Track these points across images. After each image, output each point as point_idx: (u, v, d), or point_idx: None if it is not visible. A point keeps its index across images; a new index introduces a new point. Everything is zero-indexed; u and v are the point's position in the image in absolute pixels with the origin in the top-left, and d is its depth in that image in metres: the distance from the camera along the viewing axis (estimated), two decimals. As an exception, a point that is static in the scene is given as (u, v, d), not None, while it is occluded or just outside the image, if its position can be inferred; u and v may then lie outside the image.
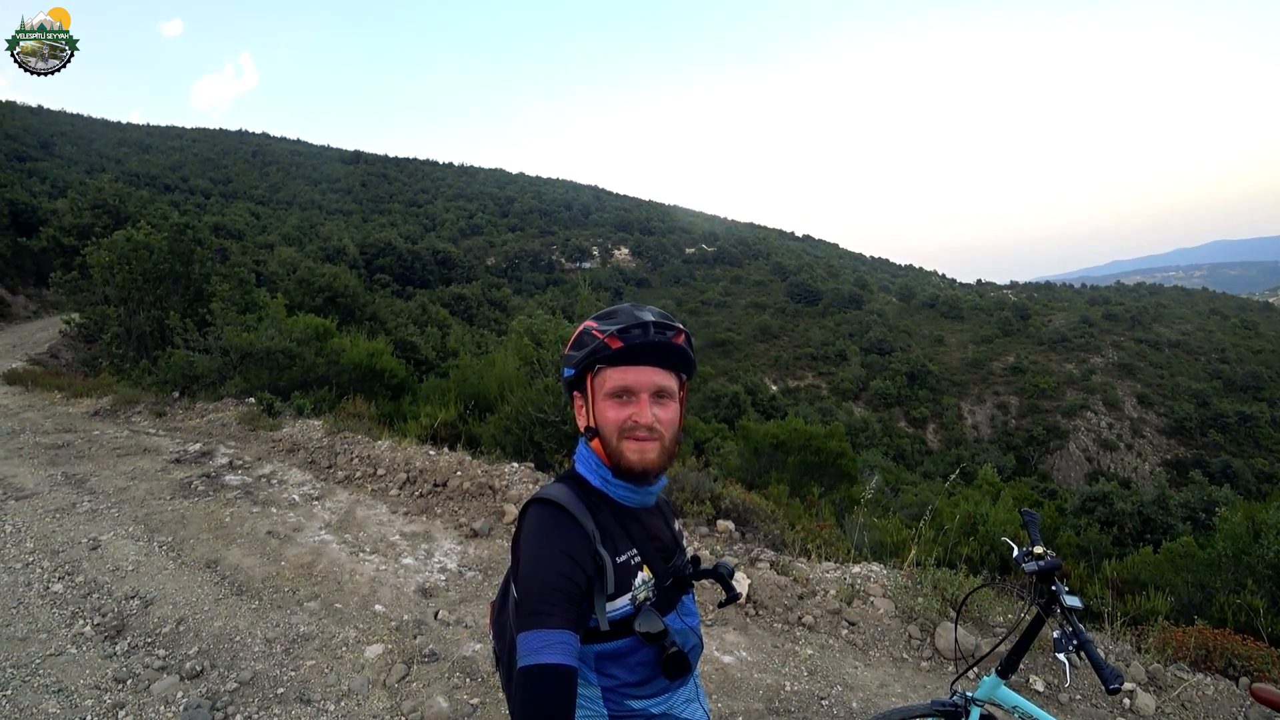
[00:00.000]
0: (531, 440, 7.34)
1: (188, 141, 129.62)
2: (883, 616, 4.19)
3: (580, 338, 1.40)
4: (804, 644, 4.08)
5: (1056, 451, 63.68)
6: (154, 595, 4.51)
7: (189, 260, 15.64)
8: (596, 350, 1.35)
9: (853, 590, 4.39)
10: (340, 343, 13.57)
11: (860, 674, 3.82)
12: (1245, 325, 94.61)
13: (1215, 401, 68.64)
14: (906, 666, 3.91)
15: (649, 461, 1.35)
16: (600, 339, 1.34)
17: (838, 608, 4.27)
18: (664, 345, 1.35)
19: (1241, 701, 3.66)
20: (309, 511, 6.37)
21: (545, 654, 1.15)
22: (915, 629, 4.09)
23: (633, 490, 1.41)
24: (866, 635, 4.12)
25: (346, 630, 4.23)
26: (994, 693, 2.35)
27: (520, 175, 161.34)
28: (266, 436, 9.01)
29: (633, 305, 1.40)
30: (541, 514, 1.33)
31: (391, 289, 68.21)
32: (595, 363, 1.36)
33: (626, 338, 1.33)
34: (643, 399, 1.34)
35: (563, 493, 1.37)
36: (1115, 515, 16.10)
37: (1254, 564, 6.35)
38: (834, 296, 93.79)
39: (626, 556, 1.38)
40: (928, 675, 3.81)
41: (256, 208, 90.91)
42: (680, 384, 1.43)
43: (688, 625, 1.48)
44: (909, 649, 4.02)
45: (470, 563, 5.24)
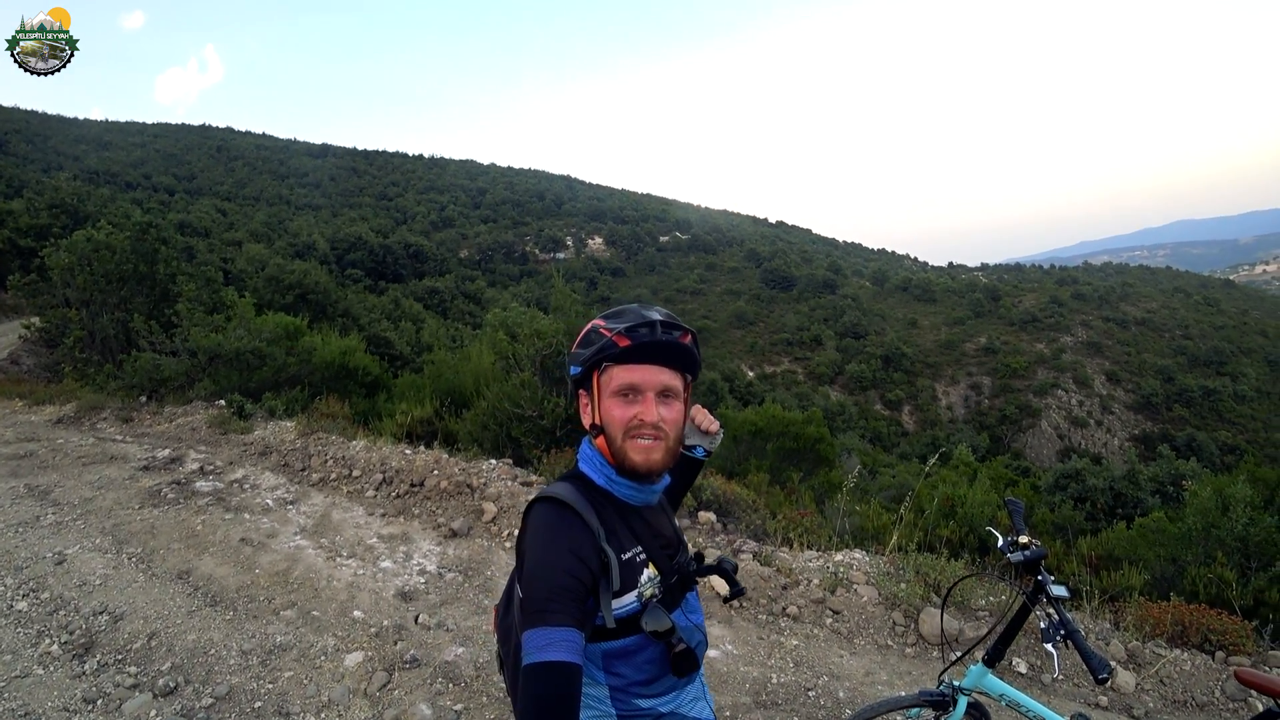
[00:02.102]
0: (509, 436, 7.25)
1: (149, 138, 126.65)
2: (866, 604, 4.20)
3: (588, 336, 1.41)
4: (789, 635, 4.07)
5: (1029, 430, 64.86)
6: (124, 610, 4.38)
7: (153, 260, 15.24)
8: (605, 348, 1.35)
9: (836, 579, 4.39)
10: (311, 341, 13.32)
11: (846, 663, 3.82)
12: (1208, 302, 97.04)
13: (1180, 377, 70.38)
14: (891, 654, 3.92)
15: (653, 462, 1.36)
16: (608, 337, 1.34)
17: (821, 597, 4.27)
18: (671, 345, 1.36)
19: (1218, 675, 3.72)
20: (283, 516, 6.24)
21: (550, 651, 1.14)
22: (899, 615, 4.10)
23: (637, 489, 1.41)
24: (851, 624, 4.13)
25: (325, 638, 4.14)
26: (980, 681, 2.36)
27: (492, 166, 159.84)
28: (238, 440, 8.82)
29: (640, 305, 1.41)
30: (546, 512, 1.33)
31: (364, 284, 67.36)
32: (602, 361, 1.37)
33: (634, 336, 1.33)
34: (648, 398, 1.35)
35: (567, 491, 1.36)
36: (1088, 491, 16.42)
37: (1223, 536, 6.49)
38: (808, 282, 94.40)
39: (632, 554, 1.38)
40: (913, 662, 3.82)
41: (223, 204, 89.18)
42: (685, 384, 1.44)
43: (693, 622, 1.48)
44: (894, 636, 4.03)
45: (450, 564, 5.17)
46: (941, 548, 5.43)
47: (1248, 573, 6.10)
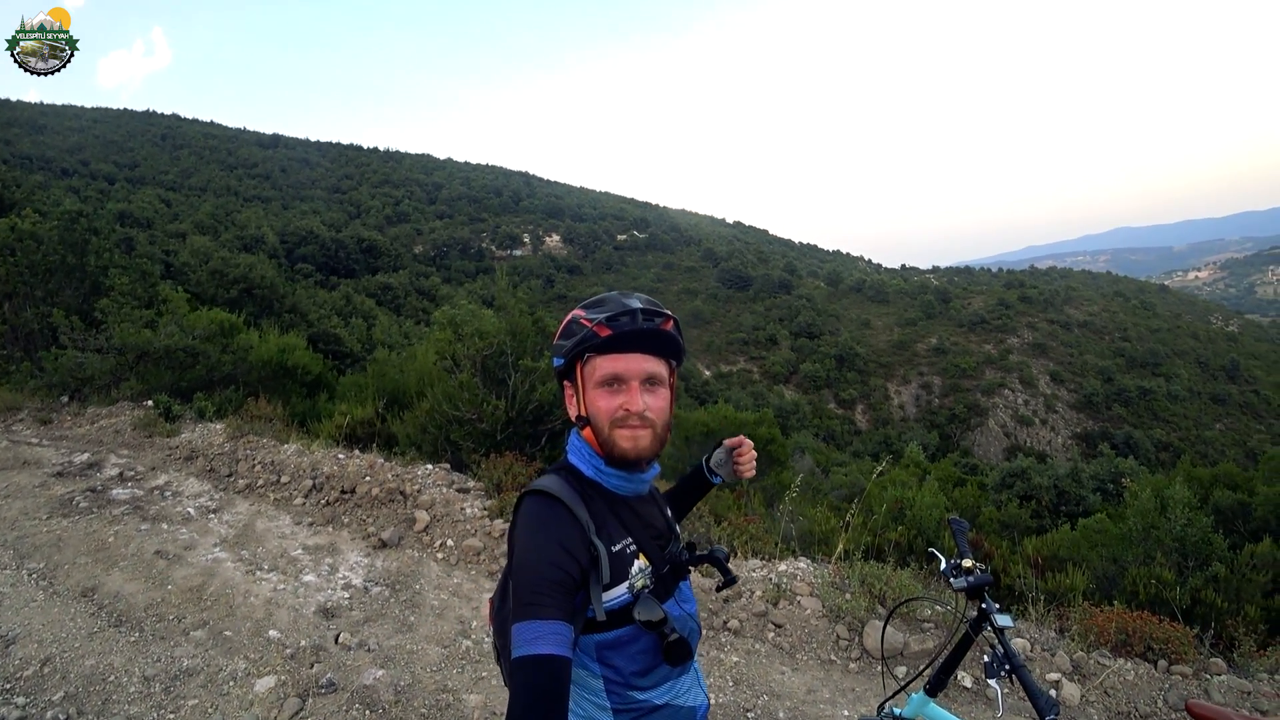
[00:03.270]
0: (448, 439, 6.95)
1: (88, 122, 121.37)
2: (810, 617, 4.05)
3: (569, 327, 1.38)
4: (730, 650, 3.90)
5: (977, 428, 66.56)
6: (17, 633, 4.02)
7: (83, 252, 14.44)
8: (586, 339, 1.34)
9: (779, 590, 4.24)
10: (248, 338, 12.75)
11: (787, 680, 3.67)
12: (1144, 306, 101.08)
13: (1119, 377, 73.10)
14: (835, 669, 3.78)
15: (642, 449, 1.35)
16: (589, 327, 1.33)
17: (764, 610, 4.10)
18: (653, 332, 1.34)
19: (1161, 684, 3.68)
20: (204, 526, 5.86)
21: (539, 645, 1.15)
22: (843, 628, 3.96)
23: (626, 478, 1.40)
24: (794, 638, 3.97)
25: (235, 661, 3.84)
26: (922, 710, 2.23)
27: (449, 161, 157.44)
28: (163, 443, 8.34)
29: (620, 293, 1.40)
30: (535, 505, 1.33)
31: (314, 279, 65.74)
32: (584, 351, 1.35)
33: (615, 325, 1.32)
34: (633, 386, 1.34)
35: (556, 483, 1.36)
36: (1033, 489, 16.84)
37: (1162, 537, 6.60)
38: (764, 282, 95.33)
39: (622, 545, 1.37)
40: (856, 678, 3.68)
41: (167, 194, 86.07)
42: (670, 370, 1.43)
43: (686, 611, 1.47)
44: (837, 650, 3.88)
45: (377, 577, 4.87)
46: (890, 552, 5.35)
47: (1185, 572, 6.20)
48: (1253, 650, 4.08)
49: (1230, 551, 6.41)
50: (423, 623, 4.30)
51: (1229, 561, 6.21)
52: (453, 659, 3.93)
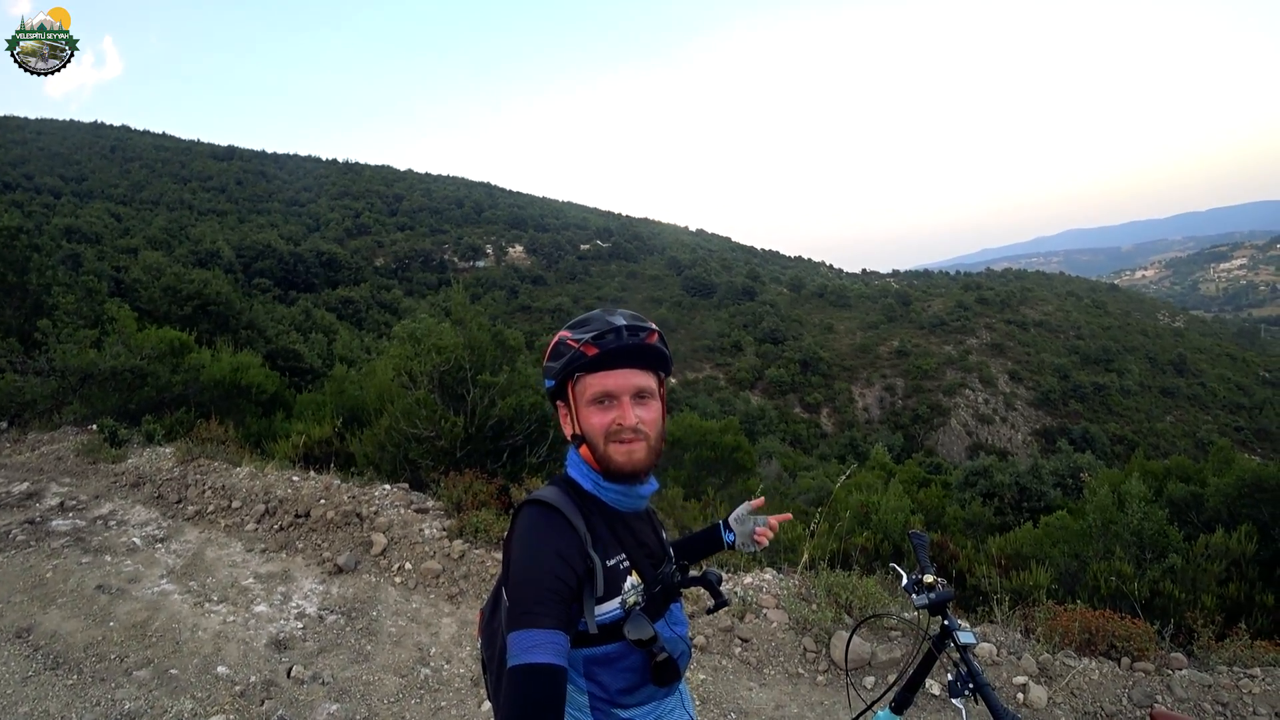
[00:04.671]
0: (406, 458, 6.77)
1: (32, 134, 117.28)
2: (776, 630, 3.99)
3: (557, 348, 1.40)
4: (696, 668, 3.82)
5: (940, 428, 67.66)
6: (-56, 679, 3.77)
7: (24, 269, 13.89)
8: (574, 359, 1.36)
9: (745, 604, 4.17)
10: (200, 357, 12.35)
11: (755, 696, 3.60)
12: (1096, 305, 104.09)
13: (1074, 374, 75.03)
14: (802, 682, 3.72)
15: (638, 461, 1.37)
16: (576, 348, 1.35)
17: (730, 624, 4.04)
18: (639, 347, 1.37)
19: (1125, 682, 3.69)
20: (150, 557, 5.61)
21: (535, 654, 1.14)
22: (810, 640, 3.91)
23: (624, 493, 1.41)
24: (760, 652, 3.90)
25: (182, 701, 3.67)
26: (888, 728, 2.16)
27: (409, 172, 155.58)
28: (108, 470, 8.00)
29: (604, 310, 1.42)
30: (534, 515, 1.33)
31: (273, 294, 64.36)
32: (574, 371, 1.37)
33: (601, 344, 1.34)
34: (624, 402, 1.36)
35: (555, 494, 1.37)
36: (996, 487, 17.09)
37: (1120, 532, 6.72)
38: (728, 289, 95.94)
39: (616, 561, 1.38)
40: (824, 690, 3.63)
41: (117, 208, 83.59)
42: (659, 382, 1.45)
43: (676, 633, 1.47)
44: (804, 663, 3.83)
45: (333, 604, 4.69)
46: (857, 558, 5.34)
47: (1143, 565, 6.32)
48: (1211, 642, 4.14)
49: (1185, 543, 6.55)
50: (379, 651, 4.15)
51: (1185, 553, 6.35)
52: (411, 689, 3.78)
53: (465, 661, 4.05)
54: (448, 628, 4.41)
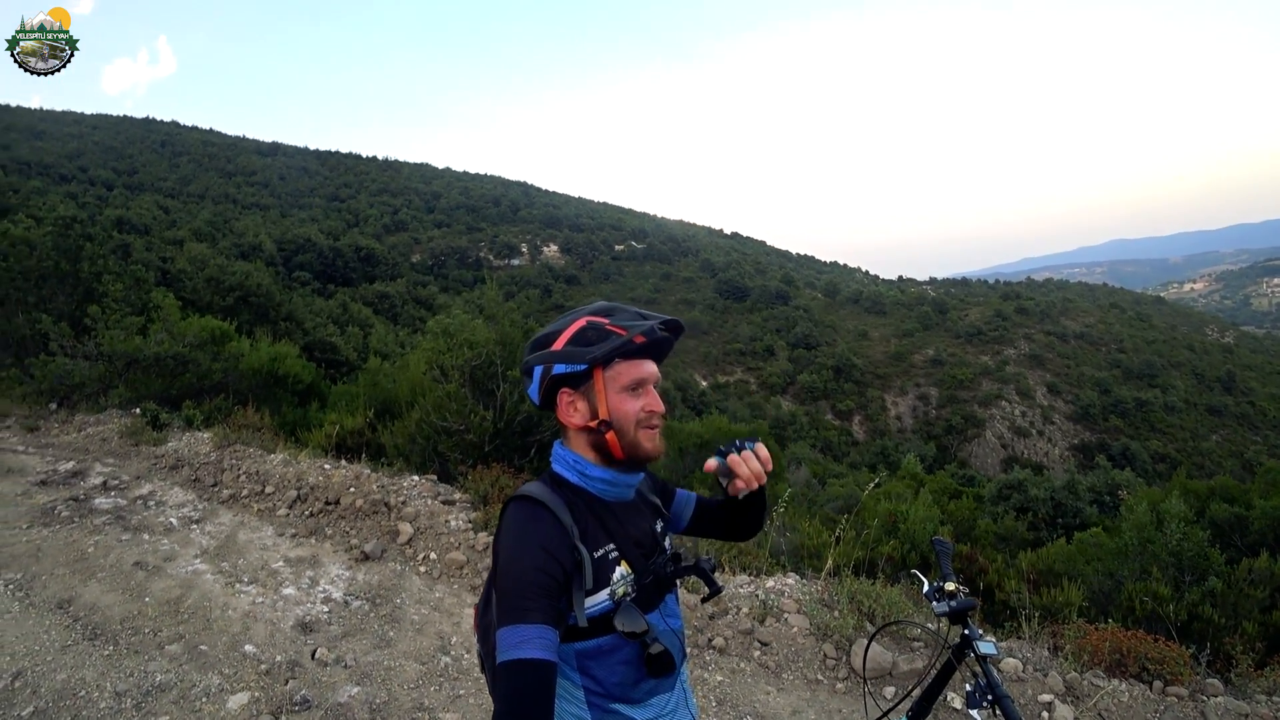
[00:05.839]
0: (436, 451, 6.86)
1: (87, 128, 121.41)
2: (796, 635, 3.96)
3: (585, 334, 1.39)
4: (714, 669, 3.81)
5: (974, 439, 66.44)
6: (-10, 646, 3.91)
7: (77, 258, 14.37)
8: (621, 346, 1.36)
9: (766, 607, 4.14)
10: (240, 346, 12.64)
11: (772, 700, 3.57)
12: (1140, 318, 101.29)
13: (1115, 389, 73.07)
14: (821, 689, 3.68)
15: (660, 447, 1.41)
16: (623, 335, 1.36)
17: (750, 627, 4.01)
18: (670, 341, 1.43)
19: (1156, 706, 3.59)
20: (185, 537, 5.76)
21: (524, 649, 1.15)
22: (830, 647, 3.87)
23: (611, 483, 1.41)
24: (780, 656, 3.87)
25: (210, 677, 3.74)
26: (906, 738, 2.12)
27: (447, 170, 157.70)
28: (149, 452, 8.24)
29: (618, 304, 1.44)
30: (520, 510, 1.34)
31: (312, 287, 65.68)
32: (615, 357, 1.37)
33: (649, 334, 1.36)
34: (650, 389, 1.40)
35: (540, 489, 1.37)
36: (1029, 501, 16.71)
37: (1158, 551, 6.51)
38: (761, 293, 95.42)
39: (604, 551, 1.37)
40: (843, 698, 3.59)
41: (165, 201, 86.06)
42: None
43: (670, 627, 1.46)
44: (824, 669, 3.79)
45: (358, 590, 4.77)
46: (882, 567, 5.26)
47: (1181, 587, 6.12)
48: (1250, 670, 4.00)
49: (1227, 566, 6.32)
50: (402, 638, 4.21)
51: (1226, 576, 6.13)
52: (430, 676, 3.83)
53: (486, 652, 4.09)
54: (470, 618, 4.46)
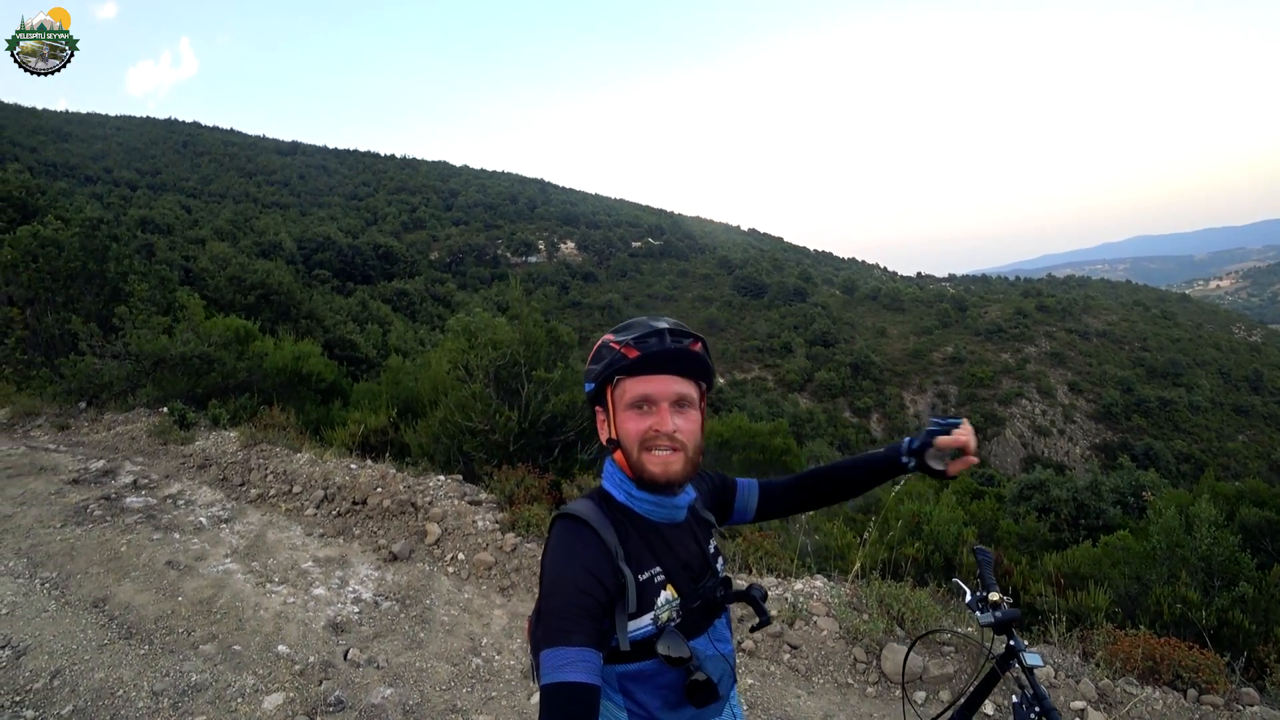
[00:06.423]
0: (460, 450, 6.91)
1: (111, 130, 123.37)
2: (826, 638, 3.96)
3: (598, 351, 1.39)
4: (743, 673, 3.82)
5: (994, 438, 65.75)
6: (28, 644, 3.99)
7: (103, 258, 14.60)
8: (614, 362, 1.34)
9: (795, 610, 4.15)
10: (264, 345, 12.79)
11: (803, 704, 3.58)
12: (1165, 315, 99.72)
13: (1139, 388, 72.00)
14: (852, 693, 3.68)
15: (673, 473, 1.33)
16: (617, 350, 1.33)
17: (779, 630, 4.02)
18: (681, 352, 1.33)
19: (1190, 715, 3.55)
20: (215, 537, 5.84)
21: (566, 672, 1.14)
22: (860, 651, 3.87)
23: (658, 504, 1.38)
24: (809, 660, 3.88)
25: (244, 677, 3.81)
26: (944, 747, 2.12)
27: (464, 168, 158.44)
28: (177, 451, 8.35)
29: (648, 316, 1.40)
30: (565, 529, 1.33)
31: (331, 285, 66.29)
32: (614, 374, 1.35)
33: (643, 347, 1.32)
34: (663, 408, 1.33)
35: (587, 508, 1.35)
36: (1051, 502, 16.51)
37: (1187, 556, 6.42)
38: (779, 290, 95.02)
39: (649, 574, 1.34)
40: (874, 702, 3.59)
41: (187, 200, 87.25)
42: (700, 392, 1.41)
43: (720, 651, 1.42)
44: (854, 673, 3.79)
45: (388, 591, 4.83)
46: (908, 568, 5.24)
47: (1211, 592, 6.03)
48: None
49: (1258, 571, 6.22)
50: (432, 639, 4.25)
51: (1257, 582, 6.03)
52: (462, 677, 3.87)
53: (515, 654, 4.12)
54: (499, 619, 4.50)
